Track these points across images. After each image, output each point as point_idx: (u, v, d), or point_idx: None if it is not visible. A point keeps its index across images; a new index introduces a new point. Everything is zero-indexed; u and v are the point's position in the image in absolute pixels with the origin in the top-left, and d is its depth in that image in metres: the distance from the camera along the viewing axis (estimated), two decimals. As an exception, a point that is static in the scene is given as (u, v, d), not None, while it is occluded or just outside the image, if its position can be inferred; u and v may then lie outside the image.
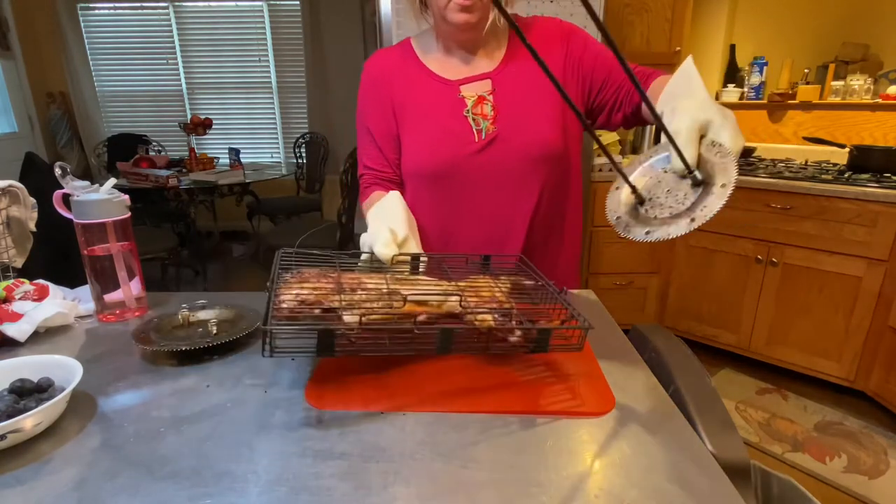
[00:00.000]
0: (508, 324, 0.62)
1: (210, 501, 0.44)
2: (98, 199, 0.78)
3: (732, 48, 2.80)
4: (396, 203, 0.88)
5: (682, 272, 2.49)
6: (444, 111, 0.91)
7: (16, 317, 0.76)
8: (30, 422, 0.50)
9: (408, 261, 0.77)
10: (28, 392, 0.56)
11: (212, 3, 4.27)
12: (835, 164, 2.44)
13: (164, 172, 3.07)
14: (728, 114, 0.62)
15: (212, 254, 4.13)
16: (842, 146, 2.32)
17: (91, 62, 4.33)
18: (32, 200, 0.94)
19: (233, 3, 4.27)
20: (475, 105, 0.90)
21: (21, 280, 0.84)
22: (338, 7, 4.21)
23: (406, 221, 0.83)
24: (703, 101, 0.62)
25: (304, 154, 4.27)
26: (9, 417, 0.50)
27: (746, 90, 2.77)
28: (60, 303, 0.81)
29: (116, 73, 4.42)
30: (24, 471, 0.48)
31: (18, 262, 0.93)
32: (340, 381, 0.62)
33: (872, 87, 2.44)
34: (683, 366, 0.66)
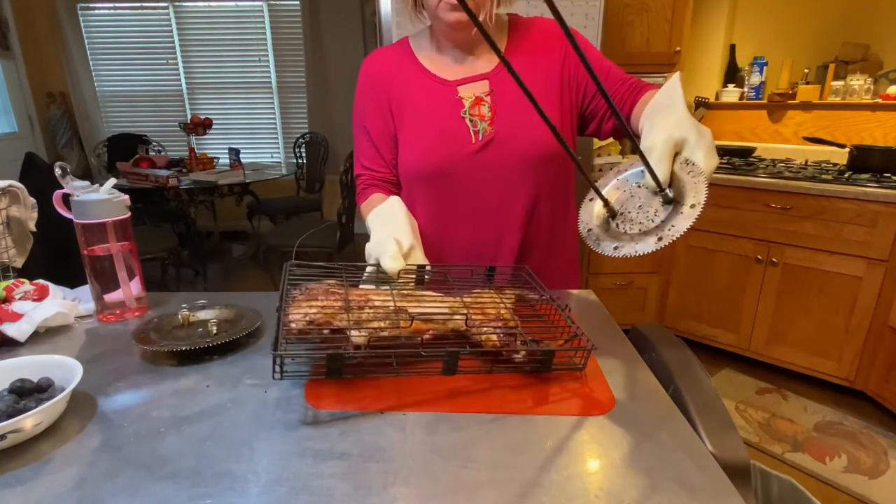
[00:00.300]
0: (513, 343, 0.63)
1: (210, 501, 0.44)
2: (98, 199, 0.78)
3: (732, 48, 2.80)
4: (399, 209, 0.87)
5: (682, 272, 2.49)
6: (442, 112, 0.91)
7: (16, 317, 0.76)
8: (30, 422, 0.50)
9: (413, 271, 0.77)
10: (28, 392, 0.56)
11: (212, 3, 4.27)
12: (835, 164, 2.44)
13: (164, 172, 3.07)
14: (705, 132, 0.62)
15: (212, 254, 4.13)
16: (842, 146, 2.32)
17: (91, 62, 4.33)
18: (32, 200, 0.93)
19: (233, 3, 4.27)
20: (472, 106, 0.90)
21: (21, 280, 0.84)
22: (338, 7, 4.21)
23: (410, 229, 0.83)
24: (681, 119, 0.63)
25: (304, 154, 4.27)
26: (9, 417, 0.50)
27: (746, 90, 2.77)
28: (60, 303, 0.81)
29: (116, 73, 4.43)
30: (24, 471, 0.48)
31: (18, 262, 0.93)
32: (340, 381, 0.62)
33: (872, 87, 2.44)
34: (683, 366, 0.66)
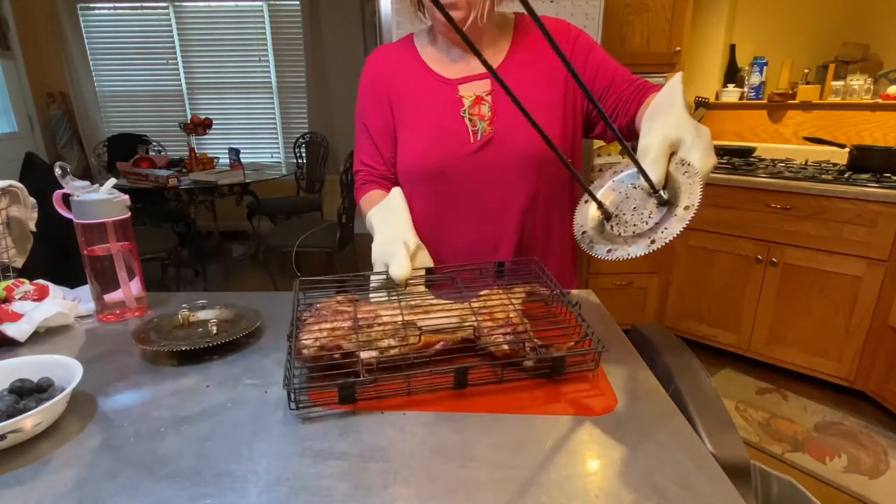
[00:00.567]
0: (522, 350, 0.63)
1: (210, 501, 0.44)
2: (98, 199, 0.78)
3: (732, 48, 2.80)
4: (401, 205, 0.87)
5: (682, 272, 2.49)
6: (441, 111, 0.90)
7: (16, 317, 0.76)
8: (30, 422, 0.50)
9: (422, 276, 0.77)
10: (28, 392, 0.56)
11: (212, 3, 4.27)
12: (835, 164, 2.44)
13: (164, 172, 3.07)
14: (703, 132, 0.61)
15: (212, 254, 4.13)
16: (842, 146, 2.32)
17: (91, 62, 4.33)
18: (32, 200, 0.94)
19: (233, 3, 4.27)
20: (472, 105, 0.89)
21: (21, 280, 0.84)
22: (338, 7, 4.21)
23: (412, 226, 0.83)
24: (679, 119, 0.62)
25: (304, 154, 4.27)
26: (9, 417, 0.50)
27: (746, 90, 2.77)
28: (60, 303, 0.81)
29: (116, 73, 4.43)
30: (24, 471, 0.48)
31: (18, 262, 0.93)
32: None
33: (872, 87, 2.44)
34: (683, 366, 0.66)
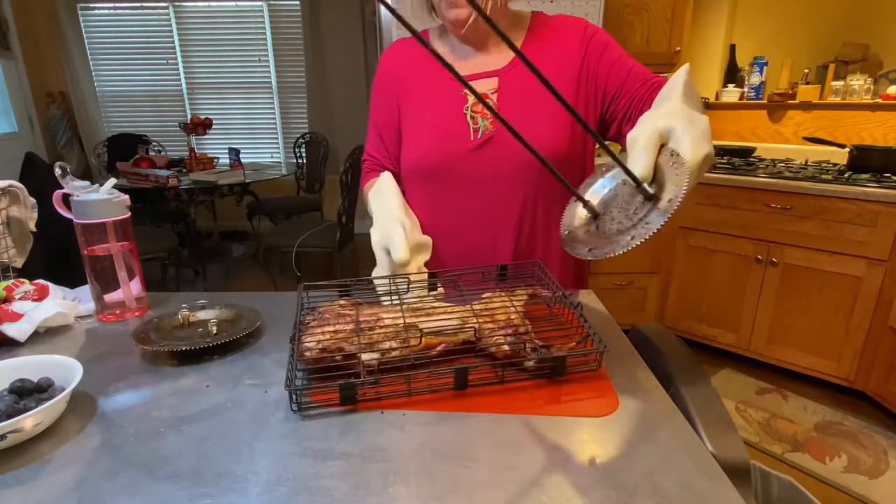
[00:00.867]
0: (523, 351, 0.63)
1: (210, 501, 0.44)
2: (98, 199, 0.78)
3: (732, 48, 2.80)
4: (390, 186, 0.91)
5: (682, 272, 2.49)
6: (445, 107, 0.90)
7: (16, 317, 0.76)
8: (30, 422, 0.50)
9: (425, 281, 0.78)
10: (28, 392, 0.56)
11: (212, 3, 4.27)
12: (835, 164, 2.44)
13: (164, 172, 3.07)
14: (697, 120, 0.58)
15: (212, 254, 4.13)
16: (842, 146, 2.32)
17: (91, 62, 4.33)
18: (32, 200, 0.94)
19: (233, 3, 4.27)
20: (476, 103, 0.88)
21: (21, 280, 0.84)
22: (338, 7, 4.21)
23: (401, 201, 0.88)
24: (672, 108, 0.60)
25: (304, 154, 4.27)
26: (9, 417, 0.50)
27: (746, 90, 2.77)
28: (60, 303, 0.81)
29: (116, 73, 4.43)
30: (24, 471, 0.48)
31: (18, 262, 0.93)
32: (340, 381, 0.62)
33: (872, 87, 2.44)
34: (683, 366, 0.66)
